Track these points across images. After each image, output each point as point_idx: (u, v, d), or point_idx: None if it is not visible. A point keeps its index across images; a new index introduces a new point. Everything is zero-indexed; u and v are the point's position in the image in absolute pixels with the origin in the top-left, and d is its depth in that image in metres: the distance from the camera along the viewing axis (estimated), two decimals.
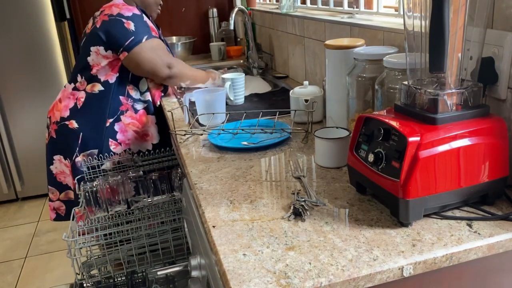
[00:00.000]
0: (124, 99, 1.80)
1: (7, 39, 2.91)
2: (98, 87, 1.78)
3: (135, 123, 1.83)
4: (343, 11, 1.75)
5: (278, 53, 2.30)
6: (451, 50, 0.81)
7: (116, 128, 1.80)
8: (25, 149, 3.13)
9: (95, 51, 1.74)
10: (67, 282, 1.63)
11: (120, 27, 1.70)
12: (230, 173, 1.11)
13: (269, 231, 0.84)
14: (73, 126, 1.77)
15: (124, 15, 1.72)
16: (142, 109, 1.84)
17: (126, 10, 1.74)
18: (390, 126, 0.85)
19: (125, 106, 1.81)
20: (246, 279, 0.71)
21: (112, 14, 1.72)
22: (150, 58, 1.72)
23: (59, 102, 1.83)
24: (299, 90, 1.46)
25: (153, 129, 1.87)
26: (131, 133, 1.83)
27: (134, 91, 1.82)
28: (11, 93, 3.01)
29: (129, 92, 1.81)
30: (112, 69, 1.77)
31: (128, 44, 1.70)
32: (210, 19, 3.02)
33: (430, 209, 0.84)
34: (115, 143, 1.81)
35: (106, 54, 1.74)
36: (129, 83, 1.81)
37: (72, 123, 1.78)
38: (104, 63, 1.76)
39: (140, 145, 1.86)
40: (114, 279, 1.60)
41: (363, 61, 1.14)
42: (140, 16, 1.76)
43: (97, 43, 1.74)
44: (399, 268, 0.73)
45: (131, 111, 1.82)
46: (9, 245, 2.72)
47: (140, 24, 1.74)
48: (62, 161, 1.83)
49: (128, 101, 1.81)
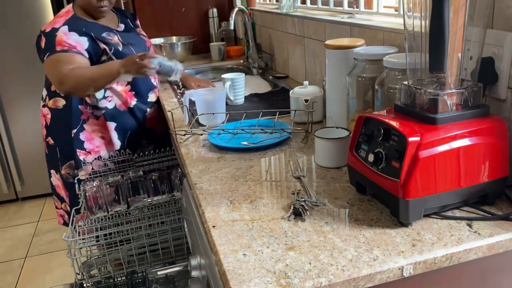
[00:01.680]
0: (84, 108, 1.78)
1: (7, 39, 2.91)
2: (61, 102, 1.79)
3: (100, 129, 1.82)
4: (343, 11, 1.75)
5: (278, 53, 2.30)
6: (451, 50, 0.81)
7: (82, 138, 1.79)
8: (25, 149, 3.12)
9: None
10: (67, 282, 1.63)
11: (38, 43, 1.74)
12: (230, 173, 1.11)
13: (269, 231, 0.84)
14: (51, 143, 1.85)
15: (44, 32, 1.71)
16: (101, 116, 1.80)
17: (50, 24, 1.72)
18: (390, 126, 0.85)
19: (86, 114, 1.79)
20: (246, 279, 0.71)
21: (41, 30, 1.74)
22: (49, 75, 1.73)
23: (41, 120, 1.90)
24: (299, 90, 1.46)
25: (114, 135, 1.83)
26: (98, 140, 1.82)
27: (92, 98, 1.77)
28: (11, 93, 3.01)
29: (86, 100, 1.78)
30: None
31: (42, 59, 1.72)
32: (210, 19, 3.02)
33: (430, 209, 0.84)
34: (84, 153, 1.80)
35: None
36: None
37: (49, 140, 1.86)
38: None
39: (108, 151, 1.84)
40: (114, 279, 1.60)
41: (363, 61, 1.14)
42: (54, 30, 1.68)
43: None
44: (399, 268, 0.73)
45: (92, 119, 1.80)
46: (9, 245, 2.72)
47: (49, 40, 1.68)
48: (55, 175, 1.91)
49: (87, 109, 1.79)
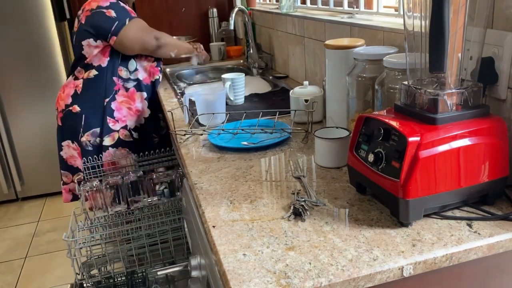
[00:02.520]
0: (116, 80, 1.97)
1: (7, 39, 2.91)
2: (93, 72, 1.95)
3: (127, 100, 1.99)
4: (343, 11, 1.75)
5: (278, 53, 2.30)
6: (451, 50, 0.81)
7: (112, 107, 1.96)
8: (25, 149, 3.12)
9: (86, 44, 1.92)
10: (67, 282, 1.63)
11: (102, 16, 1.88)
12: (230, 173, 1.11)
13: (269, 231, 0.84)
14: (76, 110, 1.95)
15: (103, 6, 1.90)
16: (132, 87, 2.00)
17: (103, 1, 1.91)
18: (390, 126, 0.85)
19: (118, 86, 1.98)
20: (246, 279, 0.71)
21: (92, 9, 1.91)
22: (137, 36, 1.92)
23: (62, 93, 2.01)
24: (299, 90, 1.46)
25: (143, 104, 2.04)
26: (125, 110, 1.99)
27: (124, 72, 1.98)
28: (11, 93, 3.00)
29: (119, 73, 1.97)
30: (103, 54, 1.94)
31: (114, 29, 1.87)
32: (210, 19, 3.02)
33: (430, 209, 0.84)
34: (113, 121, 1.96)
35: (97, 44, 1.91)
36: (119, 65, 1.97)
37: (75, 108, 1.95)
38: (96, 51, 1.93)
39: (134, 121, 2.02)
40: (114, 279, 1.60)
41: (363, 61, 1.14)
42: (117, 3, 1.93)
43: (86, 37, 1.91)
44: (399, 268, 0.73)
45: (122, 90, 1.98)
46: (9, 245, 2.72)
47: (120, 10, 1.91)
48: (70, 145, 2.00)
49: (119, 81, 1.97)
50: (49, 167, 3.10)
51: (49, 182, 3.19)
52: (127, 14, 1.92)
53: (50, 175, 3.13)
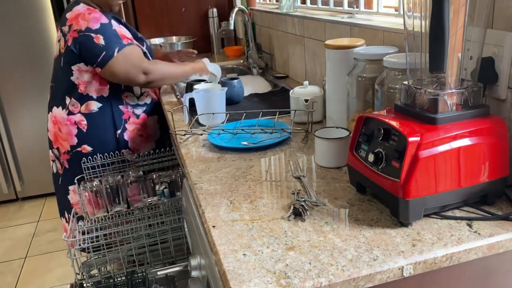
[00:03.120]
0: (124, 108, 1.81)
1: (7, 39, 2.91)
2: (95, 105, 1.76)
3: (139, 127, 1.86)
4: (343, 11, 1.75)
5: (278, 53, 2.30)
6: (451, 50, 0.81)
7: (125, 137, 1.82)
8: (25, 149, 3.12)
9: (77, 69, 1.71)
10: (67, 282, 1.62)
11: (90, 43, 1.64)
12: (230, 173, 1.11)
13: (269, 231, 0.84)
14: (87, 151, 1.78)
15: (92, 29, 1.64)
16: (142, 113, 1.86)
17: (93, 21, 1.65)
18: (390, 126, 0.85)
19: (127, 114, 1.82)
20: (246, 279, 0.71)
21: (81, 30, 1.65)
22: (124, 69, 1.67)
23: (59, 131, 1.79)
24: (299, 90, 1.46)
25: (156, 127, 1.91)
26: (138, 139, 1.86)
27: (131, 97, 1.82)
28: (11, 93, 3.01)
29: (125, 100, 1.81)
30: (100, 82, 1.74)
31: (101, 60, 1.65)
32: (210, 19, 3.02)
33: (430, 209, 0.84)
34: (128, 152, 1.84)
35: (88, 69, 1.71)
36: (123, 91, 1.80)
37: (85, 148, 1.78)
38: (88, 77, 1.72)
39: (146, 147, 1.89)
40: (114, 279, 1.60)
41: (363, 61, 1.14)
42: (108, 24, 1.68)
43: (75, 61, 1.70)
44: (399, 268, 0.73)
45: (133, 118, 1.83)
46: (9, 245, 2.72)
47: (110, 36, 1.66)
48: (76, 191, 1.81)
49: (128, 109, 1.82)
50: (49, 167, 3.09)
51: (49, 182, 3.19)
52: (117, 42, 1.66)
53: (50, 175, 3.13)
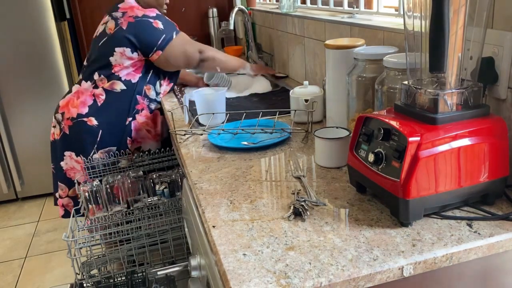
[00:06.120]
0: (141, 99, 1.85)
1: (7, 39, 2.91)
2: (119, 86, 1.81)
3: (148, 122, 1.89)
4: (343, 11, 1.75)
5: (278, 53, 2.30)
6: (451, 50, 0.81)
7: (132, 127, 1.86)
8: (25, 149, 3.12)
9: (120, 52, 1.77)
10: (67, 282, 1.63)
11: (150, 27, 1.76)
12: (230, 173, 1.11)
13: (269, 231, 0.84)
14: (92, 123, 1.79)
15: (149, 16, 1.77)
16: (156, 109, 1.90)
17: (148, 11, 1.79)
18: (390, 126, 0.85)
19: (141, 105, 1.86)
20: (246, 279, 0.71)
21: (137, 16, 1.76)
22: (183, 50, 1.82)
23: (76, 99, 1.83)
24: (299, 90, 1.46)
25: (165, 128, 1.94)
26: (144, 132, 1.89)
27: (152, 91, 1.87)
28: (11, 93, 3.00)
29: (146, 92, 1.86)
30: (135, 69, 1.81)
31: (161, 43, 1.77)
32: (210, 19, 3.02)
33: (430, 209, 0.84)
34: (130, 141, 1.87)
35: (132, 56, 1.78)
36: (147, 83, 1.85)
37: (91, 120, 1.80)
38: (128, 63, 1.79)
39: (150, 144, 1.92)
40: (114, 279, 1.60)
41: (363, 61, 1.14)
42: (161, 14, 1.82)
43: (123, 45, 1.76)
44: (399, 268, 0.73)
45: (146, 111, 1.87)
46: (9, 245, 2.72)
47: (166, 21, 1.81)
48: (73, 157, 1.85)
49: (144, 101, 1.86)
50: (49, 167, 3.09)
51: (49, 182, 3.18)
52: (173, 27, 1.82)
53: (50, 175, 3.13)
